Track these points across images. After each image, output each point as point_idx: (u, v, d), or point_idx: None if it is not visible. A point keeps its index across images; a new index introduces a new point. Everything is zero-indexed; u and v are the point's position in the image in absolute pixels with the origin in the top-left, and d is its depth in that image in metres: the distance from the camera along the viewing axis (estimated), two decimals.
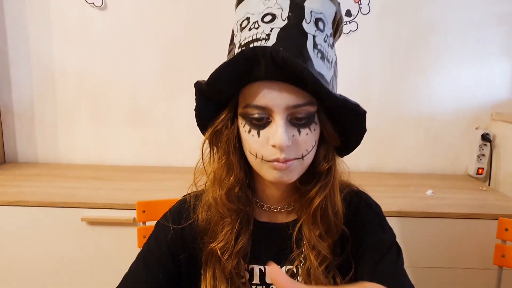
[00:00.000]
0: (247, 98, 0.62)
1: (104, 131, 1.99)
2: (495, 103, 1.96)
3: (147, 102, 1.97)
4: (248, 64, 0.58)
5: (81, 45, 1.91)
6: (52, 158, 2.00)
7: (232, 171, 0.68)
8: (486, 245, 1.43)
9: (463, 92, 1.96)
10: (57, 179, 1.72)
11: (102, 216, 1.45)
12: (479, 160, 1.95)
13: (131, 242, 1.30)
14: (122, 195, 1.53)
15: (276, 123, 0.60)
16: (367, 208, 0.75)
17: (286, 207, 0.73)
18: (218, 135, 0.68)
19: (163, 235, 0.74)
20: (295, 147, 0.62)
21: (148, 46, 1.92)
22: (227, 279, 0.69)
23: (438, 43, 1.91)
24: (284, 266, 0.72)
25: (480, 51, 1.92)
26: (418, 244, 1.49)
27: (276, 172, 0.63)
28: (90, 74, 1.93)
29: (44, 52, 1.91)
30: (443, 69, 1.93)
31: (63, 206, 1.45)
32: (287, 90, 0.59)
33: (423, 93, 1.96)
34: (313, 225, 0.69)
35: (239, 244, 0.69)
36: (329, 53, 0.64)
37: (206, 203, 0.72)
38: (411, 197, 1.62)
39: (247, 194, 0.71)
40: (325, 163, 0.67)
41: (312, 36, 0.60)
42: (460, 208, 1.52)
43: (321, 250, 0.68)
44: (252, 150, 0.64)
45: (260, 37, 0.60)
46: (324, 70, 0.62)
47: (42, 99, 1.95)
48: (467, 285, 1.52)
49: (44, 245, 1.49)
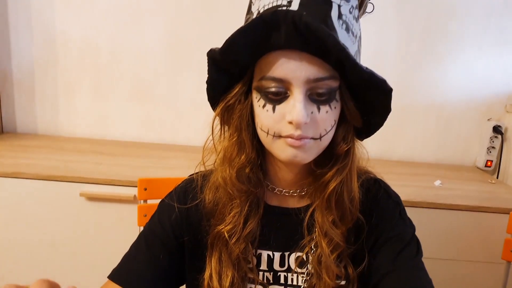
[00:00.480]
0: (263, 69, 0.57)
1: (106, 104, 1.94)
2: (510, 94, 1.90)
3: (151, 76, 1.91)
4: (267, 30, 0.53)
5: (85, 13, 1.85)
6: (52, 130, 1.96)
7: (243, 149, 0.64)
8: (494, 239, 1.41)
9: (477, 81, 1.90)
10: (56, 152, 1.68)
11: (101, 192, 1.41)
12: (488, 152, 1.90)
13: (131, 220, 1.27)
14: (123, 171, 1.49)
15: (294, 97, 0.56)
16: (387, 197, 0.71)
17: (298, 191, 0.70)
18: (230, 111, 0.64)
19: (167, 215, 0.70)
20: (313, 126, 0.57)
21: (154, 17, 1.86)
22: (234, 264, 0.66)
23: (457, 29, 1.85)
24: (294, 253, 0.68)
25: (499, 40, 1.85)
26: (425, 235, 1.43)
27: (290, 150, 0.58)
28: (93, 44, 1.88)
29: (46, 19, 1.84)
30: (459, 56, 1.87)
31: (62, 180, 1.42)
32: (308, 61, 0.55)
33: (436, 80, 1.90)
34: (327, 210, 0.65)
35: (247, 227, 0.66)
36: (354, 26, 0.59)
37: (214, 184, 0.68)
38: (419, 187, 1.58)
39: (258, 176, 0.66)
40: (344, 145, 0.63)
41: (337, 5, 0.55)
42: (469, 200, 1.48)
43: (333, 237, 0.64)
44: (264, 126, 0.59)
45: (281, 4, 0.54)
46: (348, 43, 0.56)
47: (43, 68, 1.90)
48: (473, 279, 1.50)
49: (41, 219, 1.46)
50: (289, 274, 0.69)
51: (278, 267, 0.69)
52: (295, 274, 0.69)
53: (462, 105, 1.93)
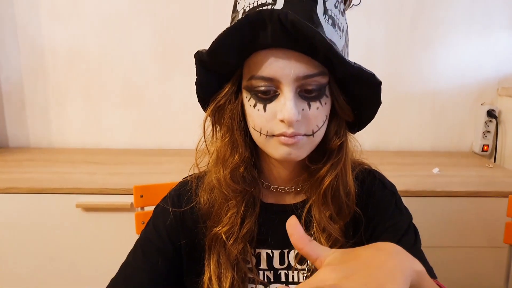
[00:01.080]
0: (252, 69, 0.57)
1: (98, 113, 1.92)
2: (501, 77, 1.90)
3: (142, 81, 1.90)
4: (253, 30, 0.53)
5: (72, 22, 1.82)
6: (44, 143, 1.94)
7: (236, 149, 0.64)
8: (495, 223, 1.40)
9: (468, 66, 1.90)
10: (50, 164, 1.66)
11: (98, 201, 1.40)
12: (484, 137, 1.90)
13: (129, 228, 1.25)
14: (119, 180, 1.48)
15: (285, 95, 0.55)
16: (382, 187, 0.71)
17: (294, 187, 0.69)
18: (221, 111, 0.63)
19: (162, 220, 0.70)
20: (304, 122, 0.57)
21: (143, 22, 1.84)
22: (233, 265, 0.65)
23: (444, 16, 1.84)
24: (293, 250, 0.68)
25: (487, 24, 1.85)
26: (426, 223, 1.45)
27: (283, 148, 0.58)
28: (82, 52, 1.85)
29: (33, 29, 1.82)
30: (449, 43, 1.87)
31: (57, 192, 1.40)
32: (296, 58, 0.54)
33: (428, 68, 1.90)
34: (324, 206, 0.65)
35: (245, 227, 0.65)
36: (340, 20, 0.59)
37: (209, 185, 0.67)
38: (418, 176, 1.57)
39: (252, 174, 0.66)
40: (336, 139, 0.63)
41: (323, 0, 0.55)
42: (468, 186, 1.48)
43: (332, 233, 0.64)
44: (256, 126, 0.59)
45: (266, 2, 0.54)
46: (335, 38, 0.57)
47: (32, 79, 1.87)
48: (476, 264, 1.50)
49: (38, 234, 1.44)
50: (290, 271, 0.68)
51: (278, 265, 0.68)
52: (296, 271, 0.68)
53: (455, 91, 1.92)
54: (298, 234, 0.41)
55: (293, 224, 0.41)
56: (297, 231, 0.41)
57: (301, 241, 0.40)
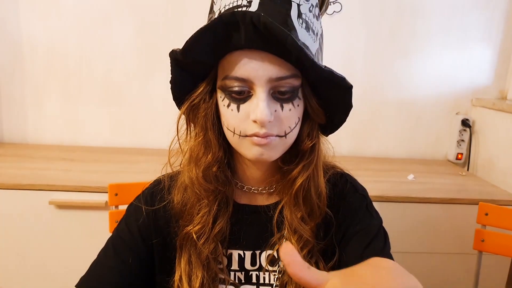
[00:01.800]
0: (226, 69, 0.57)
1: (76, 109, 1.89)
2: (476, 88, 1.96)
3: (121, 79, 1.88)
4: (227, 30, 0.53)
5: (51, 18, 1.80)
6: (19, 138, 1.90)
7: (209, 149, 0.64)
8: (465, 230, 1.44)
9: (444, 77, 1.95)
10: (23, 160, 1.63)
11: (71, 199, 1.37)
12: (458, 145, 1.95)
13: (102, 227, 1.23)
14: (94, 177, 1.45)
15: (257, 96, 0.56)
16: (353, 191, 0.72)
17: (267, 188, 0.69)
18: (195, 110, 0.63)
19: (134, 219, 0.69)
20: (277, 123, 0.58)
21: (123, 19, 1.82)
22: (203, 265, 0.65)
23: (422, 27, 1.89)
24: (265, 251, 0.68)
25: (462, 36, 1.90)
26: (399, 229, 1.48)
27: (256, 148, 0.58)
28: (61, 48, 1.83)
29: (11, 24, 1.79)
30: (426, 53, 1.91)
31: (30, 188, 1.37)
32: (269, 60, 0.55)
33: (405, 77, 1.94)
34: (295, 207, 0.65)
35: (216, 227, 0.65)
36: (314, 24, 0.60)
37: (182, 184, 0.67)
38: (393, 182, 1.60)
39: (226, 174, 0.66)
40: (308, 141, 0.64)
41: (297, 4, 0.56)
42: (441, 193, 1.51)
43: (303, 234, 0.65)
44: (230, 125, 0.59)
45: (242, 4, 0.55)
46: (309, 41, 0.57)
47: (9, 73, 1.83)
48: (447, 270, 1.53)
49: (9, 230, 1.40)
50: (261, 272, 0.68)
51: (250, 266, 0.68)
52: (267, 273, 0.68)
53: (431, 101, 1.97)
54: (295, 263, 0.35)
55: (289, 252, 0.35)
56: (294, 260, 0.35)
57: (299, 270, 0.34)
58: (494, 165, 1.79)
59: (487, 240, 1.29)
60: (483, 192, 1.56)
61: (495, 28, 1.89)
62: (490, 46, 1.91)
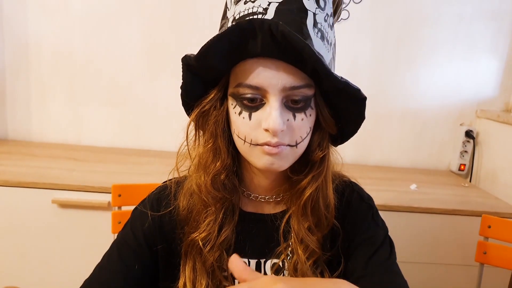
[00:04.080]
0: (239, 76, 0.57)
1: (81, 109, 1.89)
2: (481, 100, 1.96)
3: (127, 80, 1.88)
4: (243, 37, 0.53)
5: (59, 17, 1.80)
6: (23, 136, 1.90)
7: (219, 156, 0.63)
8: (468, 241, 1.43)
9: (450, 87, 1.94)
10: (27, 158, 1.63)
11: (74, 198, 1.37)
12: (461, 156, 1.95)
13: (104, 228, 1.24)
14: (97, 178, 1.45)
15: (270, 105, 0.56)
16: (360, 200, 0.72)
17: (274, 197, 0.69)
18: (205, 117, 0.63)
19: (140, 224, 0.69)
20: (289, 133, 0.58)
21: (131, 20, 1.82)
22: (208, 273, 0.65)
23: (429, 37, 1.88)
24: (270, 260, 0.68)
25: (469, 47, 1.90)
26: (401, 239, 1.46)
27: (267, 158, 0.58)
28: (67, 48, 1.83)
29: (18, 23, 1.79)
30: (432, 63, 1.91)
31: (33, 186, 1.37)
32: (284, 69, 0.55)
33: (410, 86, 1.94)
34: (303, 217, 0.65)
35: (222, 235, 0.65)
36: (329, 33, 0.60)
37: (188, 190, 0.67)
38: (396, 191, 1.60)
39: (233, 182, 0.66)
40: (319, 152, 0.63)
41: (313, 13, 0.56)
42: (443, 204, 1.51)
43: (309, 244, 0.64)
44: (241, 133, 0.59)
45: (257, 11, 0.55)
46: (323, 51, 0.57)
47: (15, 72, 1.84)
48: (448, 281, 1.52)
49: (11, 228, 1.40)
50: None
51: None
52: None
53: (435, 110, 1.96)
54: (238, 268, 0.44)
55: (234, 260, 0.45)
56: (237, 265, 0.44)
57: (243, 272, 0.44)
58: (497, 177, 1.78)
59: (489, 253, 1.28)
60: (485, 204, 1.56)
61: (502, 39, 1.89)
62: (497, 58, 1.91)
